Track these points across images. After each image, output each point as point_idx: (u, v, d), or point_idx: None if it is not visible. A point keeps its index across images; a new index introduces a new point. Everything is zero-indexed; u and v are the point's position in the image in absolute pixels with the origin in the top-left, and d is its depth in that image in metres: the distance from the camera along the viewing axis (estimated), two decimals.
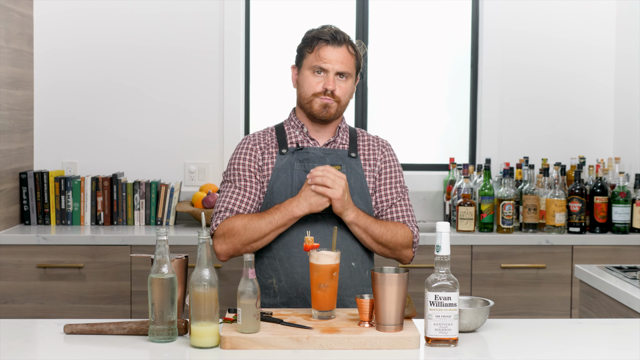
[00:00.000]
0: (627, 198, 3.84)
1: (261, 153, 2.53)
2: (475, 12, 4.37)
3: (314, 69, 2.48)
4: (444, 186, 4.24)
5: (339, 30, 2.50)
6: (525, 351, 1.97)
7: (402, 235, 2.48)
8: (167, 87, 4.23)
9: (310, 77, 2.49)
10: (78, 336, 2.03)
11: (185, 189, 4.22)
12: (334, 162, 2.50)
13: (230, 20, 4.22)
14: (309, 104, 2.50)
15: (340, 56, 2.47)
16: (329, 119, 2.51)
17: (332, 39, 2.47)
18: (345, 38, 2.50)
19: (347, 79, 2.49)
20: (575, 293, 3.74)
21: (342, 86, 2.48)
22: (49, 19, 4.18)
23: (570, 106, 4.36)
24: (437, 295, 1.95)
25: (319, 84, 2.48)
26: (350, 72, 2.50)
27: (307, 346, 1.94)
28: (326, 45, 2.47)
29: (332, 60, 2.46)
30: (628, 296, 2.54)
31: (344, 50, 2.48)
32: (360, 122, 4.38)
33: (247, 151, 2.53)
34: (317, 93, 2.48)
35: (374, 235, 2.44)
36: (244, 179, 2.50)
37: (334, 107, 2.49)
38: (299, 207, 2.36)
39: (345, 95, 2.51)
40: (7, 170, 3.81)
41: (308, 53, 2.49)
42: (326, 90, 2.46)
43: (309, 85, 2.49)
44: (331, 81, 2.46)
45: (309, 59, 2.49)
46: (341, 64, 2.47)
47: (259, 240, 2.41)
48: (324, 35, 2.48)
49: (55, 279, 3.66)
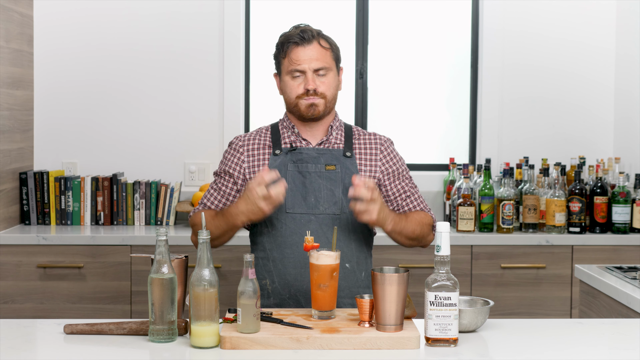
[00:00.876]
0: (627, 198, 3.84)
1: (248, 154, 2.54)
2: (475, 12, 4.37)
3: (291, 73, 2.47)
4: (444, 186, 4.24)
5: (306, 29, 2.49)
6: (525, 351, 1.97)
7: (427, 224, 2.53)
8: (167, 87, 4.23)
9: (290, 81, 2.49)
10: (78, 336, 2.03)
11: (185, 189, 4.22)
12: (329, 162, 2.49)
13: (230, 20, 4.22)
14: (296, 107, 2.49)
15: (312, 53, 2.46)
16: (319, 116, 2.50)
17: (300, 39, 2.46)
18: (314, 34, 2.48)
19: (326, 73, 2.48)
20: (575, 293, 3.74)
21: (323, 81, 2.47)
22: (49, 19, 4.18)
23: (570, 106, 4.36)
24: (437, 295, 1.95)
25: (299, 86, 2.47)
26: (328, 65, 2.48)
27: (307, 346, 1.94)
28: (296, 46, 2.46)
29: (305, 60, 2.45)
30: (628, 296, 2.54)
31: (316, 47, 2.46)
32: (360, 121, 4.38)
33: (233, 152, 2.57)
34: (300, 95, 2.47)
35: (408, 235, 2.48)
36: (223, 177, 2.57)
37: (321, 104, 2.48)
38: (239, 218, 2.37)
39: (330, 89, 2.49)
40: (7, 170, 3.81)
41: (282, 59, 2.50)
42: (308, 90, 2.45)
43: (291, 89, 2.49)
44: (310, 81, 2.45)
45: (285, 65, 2.49)
46: (316, 61, 2.46)
47: (214, 240, 2.46)
48: (292, 38, 2.47)
49: (55, 279, 3.66)
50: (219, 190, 2.56)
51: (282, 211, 2.45)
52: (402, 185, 2.57)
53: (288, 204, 2.45)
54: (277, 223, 2.45)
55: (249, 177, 2.52)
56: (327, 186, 2.46)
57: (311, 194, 2.45)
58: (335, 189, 2.46)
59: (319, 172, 2.48)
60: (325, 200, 2.45)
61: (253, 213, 2.32)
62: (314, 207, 2.45)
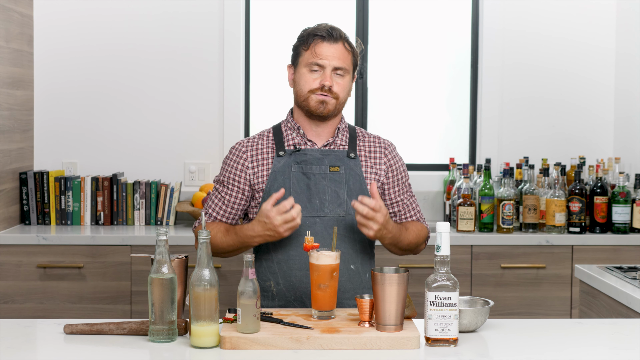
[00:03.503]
0: (627, 198, 3.84)
1: (252, 159, 2.51)
2: (475, 12, 4.37)
3: (310, 66, 2.46)
4: (444, 186, 4.24)
5: (334, 27, 2.49)
6: (525, 351, 1.97)
7: (422, 236, 2.57)
8: (167, 87, 4.23)
9: (307, 74, 2.47)
10: (78, 336, 2.03)
11: (185, 189, 4.22)
12: (333, 164, 2.49)
13: (230, 20, 4.22)
14: (306, 101, 2.47)
15: (336, 52, 2.46)
16: (327, 115, 2.48)
17: (328, 35, 2.45)
18: (342, 35, 2.48)
19: (344, 75, 2.47)
20: (575, 293, 3.74)
21: (339, 82, 2.47)
22: (49, 19, 4.18)
23: (570, 106, 4.36)
24: (437, 295, 1.95)
25: (315, 80, 2.46)
26: (348, 68, 2.48)
27: (307, 346, 1.94)
28: (322, 41, 2.45)
29: (328, 56, 2.45)
30: (628, 296, 2.54)
31: (340, 47, 2.47)
32: (360, 122, 4.38)
33: (236, 158, 2.53)
34: (313, 89, 2.46)
35: (402, 247, 2.51)
36: (227, 186, 2.53)
37: (332, 103, 2.46)
38: (256, 240, 2.39)
39: (343, 91, 2.48)
40: (7, 170, 3.81)
41: (304, 50, 2.48)
42: (323, 86, 2.44)
43: (306, 82, 2.47)
44: (328, 77, 2.44)
45: (305, 57, 2.48)
46: (338, 60, 2.45)
47: (221, 255, 2.49)
48: (320, 32, 2.46)
49: (55, 279, 3.66)
50: (223, 200, 2.53)
51: None
52: (401, 193, 2.57)
53: None
54: None
55: (255, 182, 2.49)
56: (332, 188, 2.46)
57: (316, 196, 2.45)
58: (339, 191, 2.46)
59: (323, 173, 2.47)
60: (330, 202, 2.44)
61: (271, 237, 2.35)
62: (319, 210, 2.44)
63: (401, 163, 2.60)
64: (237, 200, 2.51)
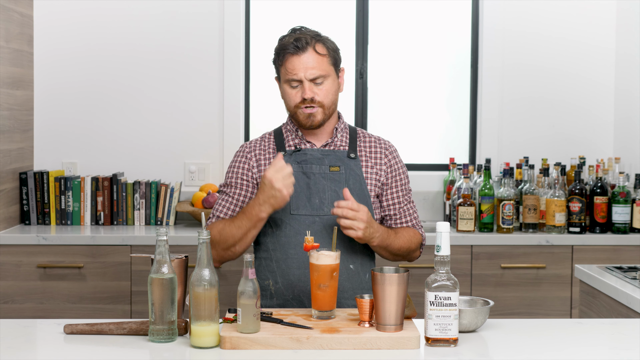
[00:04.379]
0: (627, 198, 3.84)
1: (257, 160, 2.52)
2: (475, 12, 4.37)
3: (288, 82, 2.45)
4: (444, 186, 4.24)
5: (301, 36, 2.43)
6: (525, 351, 1.97)
7: (415, 243, 2.56)
8: (167, 87, 4.23)
9: (288, 90, 2.47)
10: (78, 336, 2.03)
11: (185, 189, 4.22)
12: (333, 164, 2.49)
13: (230, 20, 4.22)
14: (295, 115, 2.49)
15: (308, 62, 2.41)
16: (318, 125, 2.48)
17: (294, 48, 2.41)
18: (309, 41, 2.43)
19: (323, 81, 2.44)
20: (575, 293, 3.74)
21: (321, 89, 2.44)
22: (49, 19, 4.18)
23: (570, 106, 4.36)
24: (437, 295, 1.95)
25: (297, 94, 2.45)
26: (325, 73, 2.44)
27: (307, 346, 1.94)
28: (291, 56, 2.42)
29: (300, 69, 2.41)
30: (628, 296, 2.54)
31: (311, 54, 2.42)
32: (360, 122, 4.38)
33: (241, 159, 2.54)
34: (297, 104, 2.45)
35: (393, 252, 2.50)
36: (234, 186, 2.52)
37: (319, 113, 2.45)
38: (262, 209, 2.34)
39: (328, 96, 2.46)
40: (7, 170, 3.81)
41: (280, 67, 2.48)
42: (304, 99, 2.43)
43: (289, 98, 2.47)
44: (307, 90, 2.42)
45: (282, 73, 2.47)
46: (312, 70, 2.42)
47: (236, 245, 2.42)
48: (287, 47, 2.43)
49: (55, 279, 3.66)
50: (231, 200, 2.51)
51: (286, 213, 2.44)
52: (399, 196, 2.57)
53: (292, 205, 2.44)
54: (281, 224, 2.45)
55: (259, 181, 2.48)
56: (331, 187, 2.46)
57: (315, 195, 2.45)
58: (339, 190, 2.46)
59: (323, 173, 2.47)
60: (330, 202, 2.44)
61: (274, 198, 2.31)
62: (318, 209, 2.45)
63: (401, 165, 2.60)
64: (246, 199, 2.51)
